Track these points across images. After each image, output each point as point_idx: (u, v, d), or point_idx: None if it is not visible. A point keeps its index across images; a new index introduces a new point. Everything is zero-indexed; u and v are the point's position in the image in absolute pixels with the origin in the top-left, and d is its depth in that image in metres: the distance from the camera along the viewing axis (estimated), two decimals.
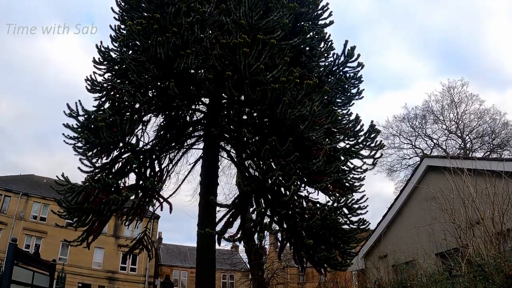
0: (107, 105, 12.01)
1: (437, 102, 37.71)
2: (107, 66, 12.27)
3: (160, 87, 10.41)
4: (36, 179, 42.70)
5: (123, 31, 12.18)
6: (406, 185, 15.16)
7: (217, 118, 10.34)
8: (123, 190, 11.05)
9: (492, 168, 9.76)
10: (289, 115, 8.48)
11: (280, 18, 9.58)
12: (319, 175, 9.07)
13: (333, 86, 10.80)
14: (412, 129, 38.44)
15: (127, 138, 11.42)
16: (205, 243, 10.91)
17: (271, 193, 9.38)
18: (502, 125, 35.37)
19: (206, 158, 11.59)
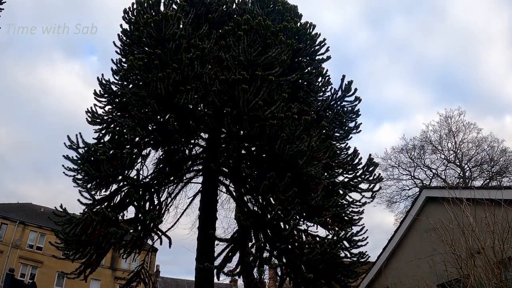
0: (107, 137, 12.17)
1: (435, 132, 38.02)
2: (108, 98, 12.48)
3: (160, 122, 10.58)
4: (33, 208, 42.51)
5: (124, 64, 12.45)
6: (405, 216, 15.16)
7: (216, 152, 10.48)
8: (123, 223, 11.07)
9: (491, 196, 9.78)
10: (288, 151, 8.62)
11: (278, 54, 9.85)
12: (318, 209, 9.14)
13: (331, 120, 10.99)
14: (411, 160, 38.59)
15: (127, 172, 11.54)
16: (203, 277, 10.85)
17: (270, 228, 9.42)
18: (500, 152, 35.55)
19: (205, 193, 11.66)
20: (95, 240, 10.96)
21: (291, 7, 13.07)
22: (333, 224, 9.96)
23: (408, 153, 38.59)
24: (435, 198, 13.29)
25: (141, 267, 14.42)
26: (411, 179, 38.69)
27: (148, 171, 12.36)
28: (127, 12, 12.81)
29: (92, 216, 10.31)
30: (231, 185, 12.07)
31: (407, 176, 38.94)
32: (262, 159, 9.81)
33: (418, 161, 38.44)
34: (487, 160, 35.51)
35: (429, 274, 11.20)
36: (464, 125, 37.17)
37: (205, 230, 10.53)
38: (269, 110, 8.94)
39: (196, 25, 11.98)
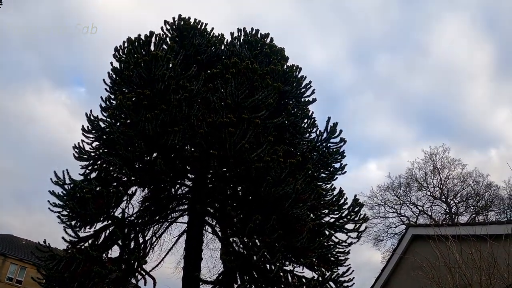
0: (93, 174, 12.18)
1: (420, 170, 38.51)
2: (96, 135, 12.56)
3: (147, 161, 10.69)
4: (15, 240, 41.56)
5: (113, 101, 12.60)
6: (392, 255, 15.23)
7: (202, 193, 10.57)
8: (107, 263, 10.98)
9: (476, 232, 9.88)
10: (273, 194, 8.76)
11: (265, 97, 10.12)
12: (303, 251, 9.21)
13: (316, 162, 11.20)
14: (397, 197, 38.86)
15: (112, 210, 11.53)
16: None
17: (256, 269, 9.43)
18: (486, 186, 36.04)
19: (190, 233, 11.64)
20: (78, 278, 10.84)
21: (278, 50, 13.49)
22: (319, 265, 10.00)
23: (394, 191, 38.93)
24: (421, 235, 13.43)
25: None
26: (398, 216, 38.89)
27: (134, 210, 12.36)
28: (118, 50, 13.09)
29: (76, 255, 10.24)
30: (216, 225, 12.09)
31: (394, 213, 39.15)
32: (248, 200, 9.93)
33: (404, 198, 38.76)
34: (473, 195, 35.96)
35: None
36: (449, 161, 37.79)
37: (190, 270, 10.48)
38: (255, 153, 9.12)
39: (185, 65, 12.26)
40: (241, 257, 9.16)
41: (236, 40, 14.04)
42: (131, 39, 12.72)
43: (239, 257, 9.20)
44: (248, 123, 9.34)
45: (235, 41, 14.01)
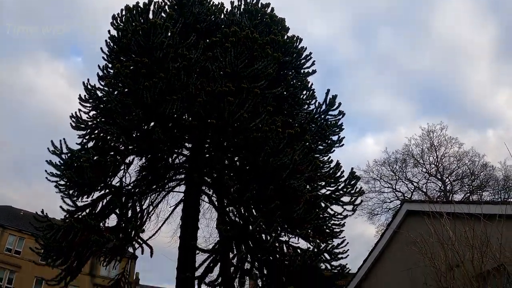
0: (90, 144, 12.11)
1: (417, 146, 38.50)
2: (93, 104, 12.42)
3: (145, 130, 10.60)
4: (13, 211, 41.70)
5: (111, 70, 12.42)
6: (386, 229, 15.32)
7: (199, 162, 10.52)
8: (105, 231, 11.00)
9: (470, 211, 9.93)
10: (271, 164, 8.72)
11: (264, 67, 9.98)
12: (300, 222, 9.24)
13: (314, 134, 11.14)
14: (393, 173, 38.95)
15: (110, 179, 11.50)
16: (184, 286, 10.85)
17: (252, 239, 9.48)
18: (481, 166, 36.15)
19: (187, 202, 11.66)
20: (76, 247, 10.89)
21: (278, 20, 13.26)
22: (314, 237, 10.05)
23: (390, 166, 39.04)
24: (415, 211, 13.48)
25: (121, 275, 14.30)
26: (393, 192, 39.09)
27: (131, 179, 12.36)
28: (116, 18, 12.82)
29: (74, 224, 10.25)
30: (213, 195, 12.10)
31: (389, 189, 39.32)
32: (245, 170, 9.91)
33: (400, 174, 38.88)
34: (468, 174, 36.10)
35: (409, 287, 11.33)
36: (446, 139, 37.77)
37: (187, 239, 10.53)
38: (253, 122, 9.04)
39: (184, 34, 12.03)
40: (238, 226, 9.19)
41: (236, 9, 13.77)
42: (129, 7, 12.46)
43: (235, 227, 9.23)
44: (247, 93, 9.23)
45: (235, 10, 13.74)
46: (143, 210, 12.35)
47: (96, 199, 11.48)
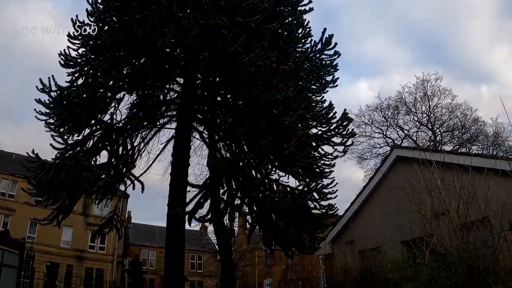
0: (80, 81, 11.80)
1: (410, 94, 38.36)
2: (82, 41, 11.98)
3: (136, 65, 10.31)
4: (5, 155, 41.49)
5: (100, 6, 11.92)
6: (375, 173, 15.50)
7: (190, 98, 10.33)
8: (95, 168, 10.97)
9: (460, 162, 9.94)
10: (264, 99, 8.57)
11: (260, 1, 9.59)
12: (290, 159, 9.22)
13: (308, 72, 10.89)
14: (384, 119, 39.01)
15: (100, 116, 11.33)
16: (175, 223, 10.96)
17: (242, 176, 9.48)
18: (473, 120, 36.32)
19: (178, 138, 11.56)
20: (68, 186, 10.88)
21: None
22: (304, 175, 10.08)
23: (382, 112, 39.06)
24: (405, 158, 13.55)
25: (113, 213, 14.45)
26: (383, 137, 39.38)
27: (122, 116, 12.16)
28: None
29: (65, 161, 10.16)
30: (204, 131, 11.99)
31: (379, 134, 39.57)
32: (237, 107, 9.75)
33: (391, 120, 38.98)
34: (459, 127, 36.30)
35: (394, 231, 11.58)
36: (440, 90, 37.63)
37: (177, 175, 10.53)
38: (247, 57, 8.79)
39: None
40: (228, 162, 9.16)
41: None
42: None
43: (226, 163, 9.20)
44: (241, 27, 8.91)
45: None
46: (134, 147, 12.28)
47: (87, 136, 11.35)
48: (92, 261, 39.86)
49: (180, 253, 11.24)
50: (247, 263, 33.28)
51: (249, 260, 33.49)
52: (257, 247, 35.33)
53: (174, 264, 11.04)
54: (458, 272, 7.80)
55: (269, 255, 51.45)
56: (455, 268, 7.88)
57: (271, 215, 9.71)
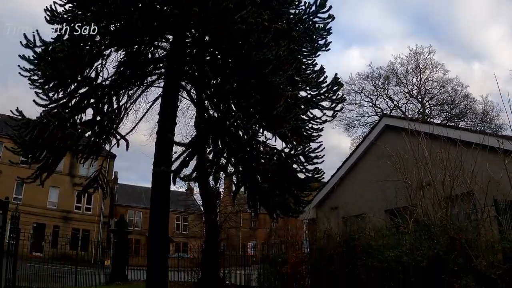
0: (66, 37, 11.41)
1: (402, 65, 38.17)
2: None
3: (123, 19, 9.94)
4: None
5: None
6: (363, 140, 15.48)
7: (179, 56, 10.04)
8: (80, 126, 10.76)
9: (448, 135, 9.85)
10: (254, 58, 8.35)
11: None
12: (278, 120, 9.09)
13: (301, 34, 10.63)
14: (374, 88, 38.93)
15: (86, 72, 11.01)
16: (160, 182, 10.89)
17: (229, 135, 9.35)
18: (463, 96, 36.42)
19: (166, 96, 11.32)
20: (52, 143, 10.68)
21: None
22: (291, 138, 9.98)
23: (372, 81, 38.96)
24: (394, 127, 13.51)
25: (98, 172, 14.32)
26: (372, 107, 39.42)
27: (109, 74, 11.86)
28: None
29: (48, 118, 9.92)
30: (192, 90, 11.77)
31: (369, 103, 39.61)
32: (226, 65, 9.52)
33: (381, 90, 38.93)
34: (449, 102, 36.42)
35: (378, 199, 11.63)
36: (432, 63, 37.49)
37: (164, 134, 10.36)
38: (239, 14, 8.50)
39: None
40: (215, 121, 9.00)
41: None
42: None
43: (213, 122, 9.04)
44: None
45: None
46: (121, 106, 12.05)
47: (71, 93, 11.02)
48: (78, 222, 40.03)
49: (165, 213, 11.22)
50: (232, 225, 33.70)
51: (234, 223, 33.87)
52: (242, 210, 35.72)
53: (159, 224, 11.02)
54: (441, 243, 7.82)
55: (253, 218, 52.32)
56: (437, 239, 7.92)
57: (257, 176, 9.65)
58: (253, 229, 52.56)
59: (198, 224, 32.85)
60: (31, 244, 30.30)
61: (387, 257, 8.69)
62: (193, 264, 19.21)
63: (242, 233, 48.29)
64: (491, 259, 7.20)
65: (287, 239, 14.94)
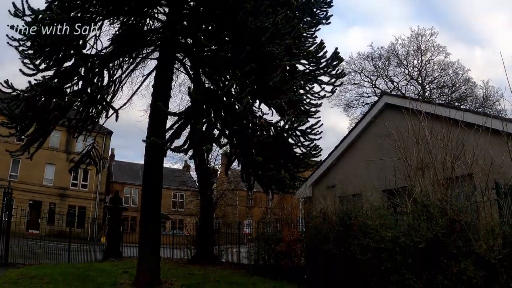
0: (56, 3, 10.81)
1: (403, 47, 37.43)
2: None
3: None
4: None
5: None
6: (362, 118, 15.04)
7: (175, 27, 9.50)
8: (68, 95, 10.28)
9: (450, 115, 9.43)
10: (250, 25, 7.82)
11: None
12: (275, 91, 8.61)
13: (300, 5, 10.05)
14: (375, 68, 38.29)
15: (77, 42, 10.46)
16: (152, 155, 10.49)
17: (223, 106, 8.87)
18: (463, 80, 35.74)
19: (160, 68, 10.81)
20: (39, 114, 10.24)
21: None
22: (288, 111, 9.45)
23: (373, 61, 38.31)
24: (394, 106, 13.06)
25: (91, 146, 13.93)
26: (372, 87, 38.87)
27: (102, 45, 11.33)
28: None
29: (35, 88, 9.46)
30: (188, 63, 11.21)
31: (368, 83, 39.06)
32: (221, 33, 8.98)
33: (382, 71, 38.32)
34: (449, 85, 35.81)
35: (377, 179, 11.27)
36: (434, 46, 36.76)
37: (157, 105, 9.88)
38: None
39: None
40: (210, 92, 8.50)
41: None
42: None
43: (207, 93, 8.54)
44: None
45: None
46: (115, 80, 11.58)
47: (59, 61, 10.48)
48: (74, 199, 39.84)
49: (157, 187, 10.85)
50: (228, 202, 33.58)
51: (230, 200, 33.73)
52: (238, 188, 35.57)
53: (151, 198, 10.67)
54: (440, 224, 7.52)
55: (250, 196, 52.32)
56: (436, 220, 7.63)
57: (251, 149, 9.15)
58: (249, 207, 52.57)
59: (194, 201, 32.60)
60: (28, 221, 30.07)
61: (384, 237, 8.39)
62: (188, 242, 18.98)
63: (238, 211, 48.23)
64: (491, 243, 6.93)
65: (283, 217, 14.68)
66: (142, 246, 10.48)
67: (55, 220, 31.24)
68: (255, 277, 12.80)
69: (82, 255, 18.17)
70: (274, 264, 13.22)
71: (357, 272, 9.35)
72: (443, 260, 7.26)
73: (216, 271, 14.42)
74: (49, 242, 19.29)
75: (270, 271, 13.12)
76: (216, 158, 22.89)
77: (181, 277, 12.32)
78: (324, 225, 11.19)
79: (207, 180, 18.88)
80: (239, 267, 15.99)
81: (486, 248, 6.88)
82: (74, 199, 39.86)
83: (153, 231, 10.64)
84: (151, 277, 10.09)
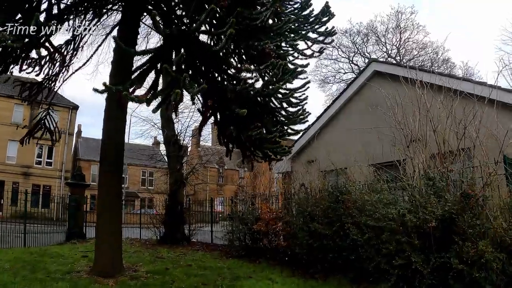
0: None
1: (382, 24, 36.60)
2: None
3: None
4: None
5: None
6: (346, 88, 13.61)
7: None
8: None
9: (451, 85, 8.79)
10: None
11: None
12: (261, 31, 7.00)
13: None
14: (353, 44, 37.17)
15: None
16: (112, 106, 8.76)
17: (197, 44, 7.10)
18: (442, 60, 34.97)
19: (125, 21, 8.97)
20: None
21: None
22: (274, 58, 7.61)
23: (351, 37, 37.19)
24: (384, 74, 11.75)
25: (46, 113, 12.01)
26: (349, 63, 37.79)
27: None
28: None
29: None
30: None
31: (345, 59, 37.94)
32: None
33: (359, 47, 37.29)
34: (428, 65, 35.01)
35: (362, 154, 10.04)
36: (413, 24, 35.91)
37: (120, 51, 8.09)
38: None
39: None
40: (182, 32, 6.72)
41: None
42: None
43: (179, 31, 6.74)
44: None
45: None
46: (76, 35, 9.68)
47: None
48: (39, 177, 37.34)
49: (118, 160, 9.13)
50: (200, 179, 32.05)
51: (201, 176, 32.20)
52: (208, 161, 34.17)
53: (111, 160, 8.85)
54: (450, 200, 6.33)
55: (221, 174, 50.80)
56: (445, 195, 6.51)
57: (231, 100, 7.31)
58: (221, 185, 51.10)
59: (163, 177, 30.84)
60: None
61: (386, 215, 7.08)
62: (157, 221, 17.30)
63: (209, 189, 46.67)
64: (510, 219, 5.91)
65: (260, 193, 13.26)
66: (101, 226, 8.67)
67: (19, 200, 28.88)
68: (231, 260, 11.24)
69: (42, 238, 16.13)
70: (251, 245, 11.77)
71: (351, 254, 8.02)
72: (457, 241, 6.03)
73: (187, 253, 12.77)
74: (14, 224, 17.07)
75: (247, 252, 11.67)
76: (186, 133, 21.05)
77: (148, 261, 10.59)
78: (309, 202, 9.85)
79: (176, 153, 17.14)
80: (212, 248, 14.40)
81: (506, 227, 5.81)
82: (39, 177, 37.25)
83: (113, 205, 8.92)
84: (112, 263, 8.40)
